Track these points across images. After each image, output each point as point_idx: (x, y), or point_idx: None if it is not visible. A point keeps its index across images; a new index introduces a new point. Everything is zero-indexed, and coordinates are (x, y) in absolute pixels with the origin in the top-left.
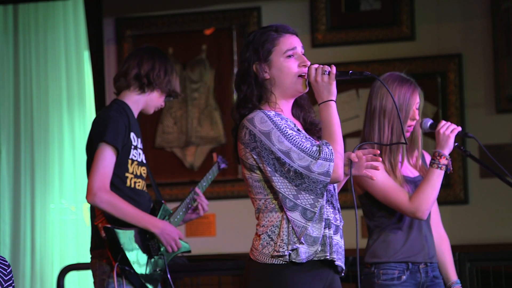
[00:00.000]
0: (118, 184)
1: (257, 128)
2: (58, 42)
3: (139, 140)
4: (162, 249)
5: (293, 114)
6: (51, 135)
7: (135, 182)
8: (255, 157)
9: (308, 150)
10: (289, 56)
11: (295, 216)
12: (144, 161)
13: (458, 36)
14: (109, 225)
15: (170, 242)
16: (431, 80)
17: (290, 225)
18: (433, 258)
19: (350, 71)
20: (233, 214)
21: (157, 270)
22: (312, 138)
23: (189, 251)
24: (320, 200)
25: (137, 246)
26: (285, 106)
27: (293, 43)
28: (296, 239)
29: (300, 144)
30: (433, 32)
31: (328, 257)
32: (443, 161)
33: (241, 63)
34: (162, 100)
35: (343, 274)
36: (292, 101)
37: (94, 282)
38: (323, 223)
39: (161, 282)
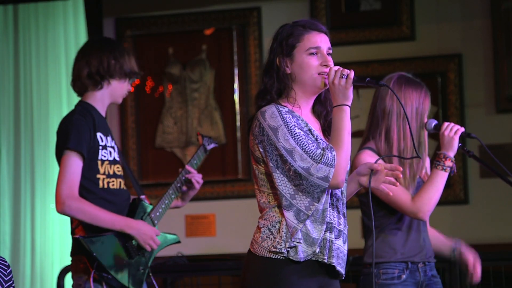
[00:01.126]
0: (90, 187)
1: (267, 122)
2: (58, 42)
3: (109, 138)
4: (143, 250)
5: (315, 111)
6: (51, 135)
7: (108, 182)
8: (261, 150)
9: (311, 152)
10: (312, 53)
11: (289, 215)
12: (118, 158)
13: (458, 36)
14: (78, 236)
15: (147, 241)
16: (431, 80)
17: None
18: (430, 257)
19: (368, 79)
20: (233, 214)
21: (140, 269)
22: (324, 141)
23: (179, 242)
24: (315, 204)
25: (114, 251)
26: (305, 103)
27: (318, 41)
28: (295, 237)
29: (305, 145)
30: (433, 32)
31: (326, 261)
32: (448, 163)
33: (268, 54)
34: (126, 86)
35: (343, 277)
36: (313, 98)
37: (72, 286)
38: (325, 226)
39: (161, 282)
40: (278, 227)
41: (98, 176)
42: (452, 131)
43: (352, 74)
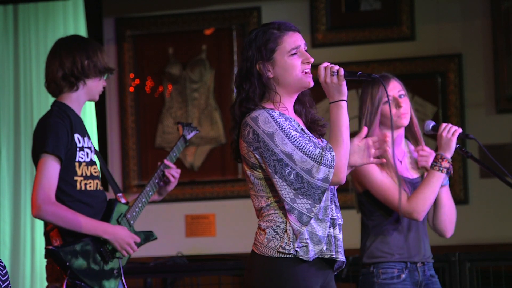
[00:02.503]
0: (67, 190)
1: (261, 128)
2: None
3: (85, 139)
4: (117, 253)
5: (295, 110)
6: None
7: (85, 184)
8: (257, 156)
9: (311, 153)
10: (293, 54)
11: (292, 218)
12: (94, 159)
13: (458, 36)
14: (50, 247)
15: (124, 247)
16: (431, 80)
17: None
18: (429, 257)
19: (359, 72)
20: (233, 214)
21: (115, 272)
22: (315, 138)
23: (155, 238)
24: (317, 205)
25: (88, 258)
26: (289, 103)
27: (296, 41)
28: (302, 238)
29: (303, 147)
30: (433, 32)
31: (334, 256)
32: (445, 164)
33: (243, 62)
34: (101, 83)
35: (342, 269)
36: (295, 97)
37: (47, 287)
38: (329, 223)
39: (161, 282)
40: (283, 228)
41: (75, 178)
42: (450, 132)
43: (342, 70)
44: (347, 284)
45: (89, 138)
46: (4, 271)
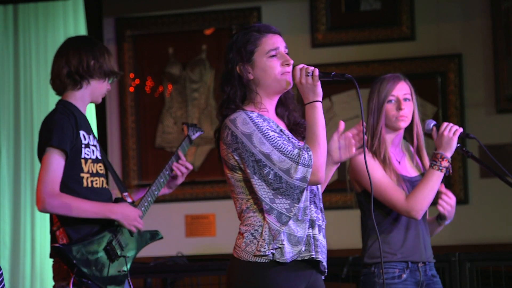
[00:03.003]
0: (74, 186)
1: (239, 130)
2: (58, 42)
3: (91, 136)
4: (124, 250)
5: (277, 113)
6: None
7: (92, 181)
8: (236, 158)
9: (289, 153)
10: (272, 56)
11: (271, 219)
12: (100, 157)
13: (458, 36)
14: (57, 245)
15: (132, 223)
16: (431, 80)
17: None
18: (430, 257)
19: (333, 73)
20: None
21: (121, 271)
22: (295, 139)
23: (161, 238)
24: (296, 205)
25: (94, 256)
26: (270, 105)
27: (275, 43)
28: (278, 239)
29: (281, 147)
30: (433, 32)
31: (313, 256)
32: (445, 163)
33: (225, 64)
34: (105, 85)
35: (326, 273)
36: (276, 99)
37: (54, 286)
38: (308, 223)
39: (161, 282)
40: (260, 231)
41: (82, 175)
42: (451, 131)
43: (316, 71)
44: (347, 284)
45: (94, 136)
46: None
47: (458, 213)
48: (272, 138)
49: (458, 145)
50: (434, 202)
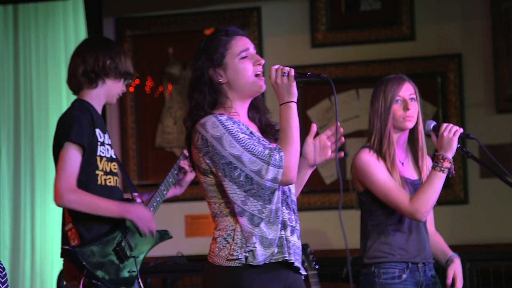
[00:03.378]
0: (89, 183)
1: (209, 133)
2: (58, 42)
3: (106, 136)
4: (134, 251)
5: (249, 117)
6: (51, 135)
7: (105, 179)
8: (207, 161)
9: (260, 154)
10: (243, 57)
11: (243, 221)
12: (114, 156)
13: (458, 36)
14: (67, 247)
15: (146, 224)
16: (431, 80)
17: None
18: (430, 258)
19: (309, 73)
20: None
21: (131, 272)
22: (266, 141)
23: (171, 237)
24: (267, 206)
25: (104, 258)
26: (242, 108)
27: (245, 44)
28: (250, 242)
29: (252, 148)
30: (433, 32)
31: (286, 258)
32: (446, 164)
33: (193, 71)
34: (120, 86)
35: (304, 273)
36: (248, 102)
37: (65, 286)
38: (280, 225)
39: (161, 282)
40: (232, 235)
41: (97, 172)
42: (451, 132)
43: (292, 71)
44: (347, 284)
45: (109, 136)
46: (3, 273)
47: (458, 213)
48: (242, 140)
49: (458, 145)
50: (438, 202)
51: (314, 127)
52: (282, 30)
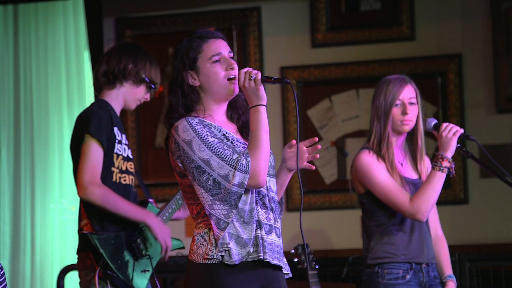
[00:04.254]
0: (105, 179)
1: (180, 137)
2: (58, 42)
3: (124, 136)
4: (149, 251)
5: (228, 117)
6: (51, 135)
7: (120, 177)
8: (180, 165)
9: (228, 158)
10: (215, 61)
11: (212, 223)
12: (131, 156)
13: (458, 36)
14: (86, 232)
15: (164, 237)
16: (431, 80)
17: None
18: (433, 258)
19: (274, 77)
20: None
21: (145, 271)
22: (241, 141)
23: (183, 247)
24: (234, 210)
25: (120, 250)
26: (217, 110)
27: (218, 48)
28: (221, 243)
29: (220, 152)
30: (433, 32)
31: (261, 257)
32: (446, 163)
33: (172, 72)
34: (141, 92)
35: (289, 273)
36: (225, 105)
37: (80, 283)
38: (255, 225)
39: (161, 282)
40: (208, 234)
41: (112, 169)
42: (451, 132)
43: (259, 75)
44: (347, 284)
45: (126, 137)
46: (1, 272)
47: (458, 213)
48: (211, 144)
49: (458, 145)
50: (438, 202)
51: (293, 142)
52: (282, 30)
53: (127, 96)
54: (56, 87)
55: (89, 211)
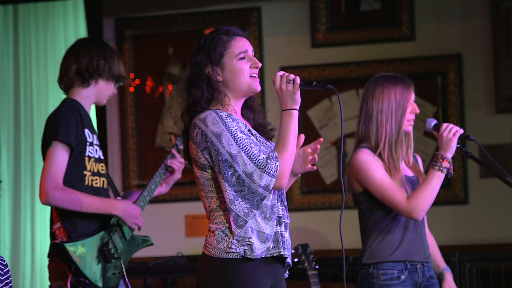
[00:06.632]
0: (76, 183)
1: (209, 129)
2: (58, 42)
3: (94, 136)
4: (119, 251)
5: (242, 115)
6: None
7: (92, 180)
8: (206, 156)
9: (255, 158)
10: (241, 58)
11: (230, 219)
12: (102, 157)
13: (458, 36)
14: (58, 241)
15: (133, 221)
16: (431, 80)
17: None
18: (428, 258)
19: (314, 82)
20: None
21: (116, 273)
22: (263, 139)
23: (151, 244)
24: (254, 211)
25: (92, 256)
26: (237, 106)
27: (244, 45)
28: (247, 237)
29: (248, 150)
30: (433, 32)
31: (282, 253)
32: (445, 164)
33: (192, 67)
34: (111, 88)
35: (287, 271)
36: (243, 100)
37: (50, 286)
38: (276, 221)
39: (161, 282)
40: (230, 228)
41: (85, 172)
42: (451, 132)
43: (298, 79)
44: (347, 284)
45: (97, 137)
46: (5, 270)
47: (458, 213)
48: (240, 140)
49: (458, 145)
50: (435, 202)
51: (302, 138)
52: (282, 30)
53: (99, 92)
54: (56, 87)
55: (61, 214)
